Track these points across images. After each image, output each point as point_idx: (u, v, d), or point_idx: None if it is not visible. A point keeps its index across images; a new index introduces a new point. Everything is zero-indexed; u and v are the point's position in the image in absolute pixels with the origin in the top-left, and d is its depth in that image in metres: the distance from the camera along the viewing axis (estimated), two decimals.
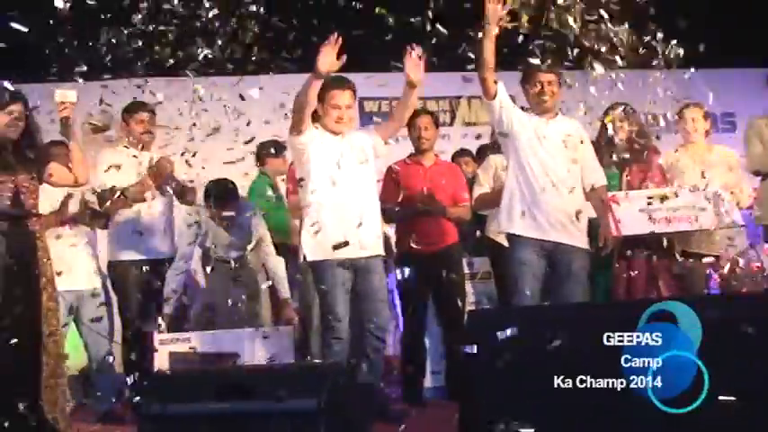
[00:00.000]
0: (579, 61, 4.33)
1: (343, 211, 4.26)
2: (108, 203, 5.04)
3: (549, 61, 4.43)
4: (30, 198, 4.07)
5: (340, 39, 4.05)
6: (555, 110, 4.55)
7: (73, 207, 4.84)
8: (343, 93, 4.34)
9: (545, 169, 4.39)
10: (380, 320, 4.33)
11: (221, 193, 5.34)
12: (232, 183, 5.44)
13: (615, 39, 4.17)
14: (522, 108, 4.59)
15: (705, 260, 4.87)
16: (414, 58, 4.24)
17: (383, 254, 4.45)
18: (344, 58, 4.07)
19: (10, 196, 3.99)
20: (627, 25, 4.20)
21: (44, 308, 4.01)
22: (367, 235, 4.29)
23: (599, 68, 4.19)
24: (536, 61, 4.40)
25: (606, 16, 4.18)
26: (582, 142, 4.52)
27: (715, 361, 2.82)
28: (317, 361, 4.21)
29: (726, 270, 4.87)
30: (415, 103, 4.41)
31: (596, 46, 4.20)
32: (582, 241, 4.43)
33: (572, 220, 4.39)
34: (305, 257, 4.30)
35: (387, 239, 5.01)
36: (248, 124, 5.63)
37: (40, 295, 4.01)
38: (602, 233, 4.49)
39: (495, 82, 4.37)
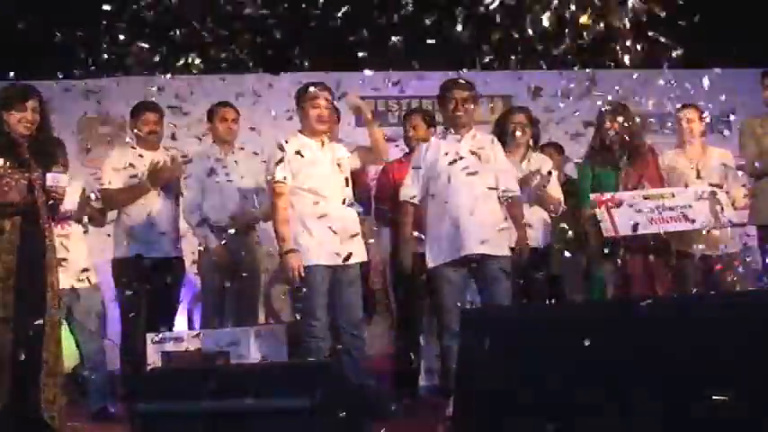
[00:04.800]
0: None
1: (324, 217, 4.37)
2: (108, 202, 5.11)
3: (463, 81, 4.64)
4: (42, 195, 4.02)
5: None
6: (469, 125, 4.68)
7: (69, 205, 4.80)
8: (322, 92, 4.49)
9: (463, 187, 4.52)
10: (352, 317, 4.44)
11: (224, 101, 5.31)
12: None
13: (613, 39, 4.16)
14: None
15: (700, 259, 4.87)
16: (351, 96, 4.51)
17: (363, 260, 4.55)
18: None
19: (24, 192, 3.95)
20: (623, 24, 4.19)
21: (48, 305, 3.99)
22: (347, 241, 4.41)
23: None
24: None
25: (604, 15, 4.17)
26: (495, 157, 4.64)
27: (706, 361, 2.80)
28: (310, 359, 4.20)
29: (720, 269, 4.85)
30: (375, 133, 4.53)
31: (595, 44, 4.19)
32: (502, 250, 4.52)
33: (491, 231, 4.49)
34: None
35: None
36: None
37: (45, 293, 3.99)
38: (517, 243, 4.60)
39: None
